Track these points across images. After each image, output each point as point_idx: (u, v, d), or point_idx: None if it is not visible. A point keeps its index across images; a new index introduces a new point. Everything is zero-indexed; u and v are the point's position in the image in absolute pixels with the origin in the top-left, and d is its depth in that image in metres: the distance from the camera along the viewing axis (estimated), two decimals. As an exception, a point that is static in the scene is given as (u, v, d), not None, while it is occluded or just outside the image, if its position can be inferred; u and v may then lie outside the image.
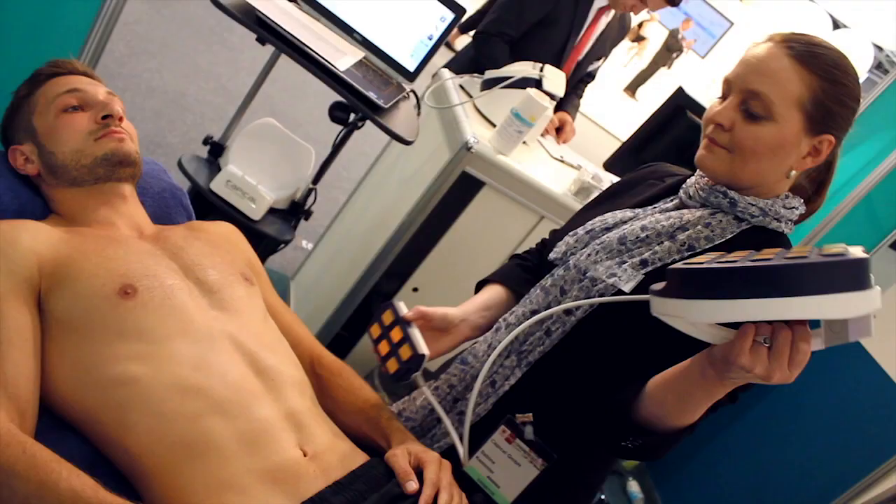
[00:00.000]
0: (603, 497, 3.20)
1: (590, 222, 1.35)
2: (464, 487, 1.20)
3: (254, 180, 2.08)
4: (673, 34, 13.25)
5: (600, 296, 1.22)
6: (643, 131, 2.41)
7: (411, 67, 2.08)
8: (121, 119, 1.35)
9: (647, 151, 2.36)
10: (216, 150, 2.26)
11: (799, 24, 13.58)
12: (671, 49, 13.43)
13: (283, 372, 1.20)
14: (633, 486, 3.36)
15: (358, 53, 1.95)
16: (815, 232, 2.89)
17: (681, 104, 2.39)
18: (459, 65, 2.89)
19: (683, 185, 1.31)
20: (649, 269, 1.22)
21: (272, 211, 2.17)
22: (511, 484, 1.25)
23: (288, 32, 1.75)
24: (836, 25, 12.70)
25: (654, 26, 13.59)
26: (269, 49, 1.96)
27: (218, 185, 2.08)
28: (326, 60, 1.76)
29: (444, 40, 2.06)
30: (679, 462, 3.34)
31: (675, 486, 3.32)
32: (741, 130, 1.16)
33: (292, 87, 4.59)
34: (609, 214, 1.34)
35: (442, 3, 2.05)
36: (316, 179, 2.21)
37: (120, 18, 2.02)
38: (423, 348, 1.25)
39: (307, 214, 2.27)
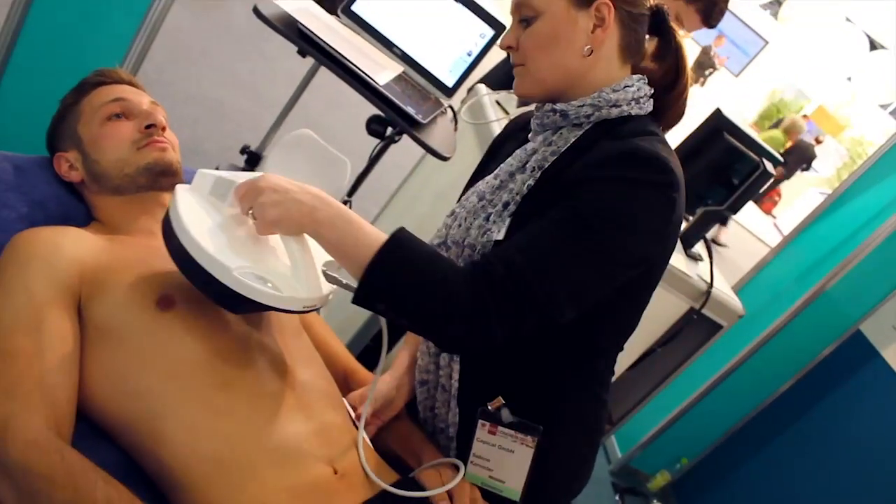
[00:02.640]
0: (627, 518, 3.17)
1: (464, 196, 1.34)
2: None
3: (290, 191, 2.09)
4: (705, 51, 13.17)
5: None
6: (679, 152, 2.39)
7: (450, 83, 2.09)
8: (164, 129, 1.36)
9: (684, 173, 2.34)
10: (253, 159, 2.28)
11: (835, 44, 13.47)
12: (703, 66, 13.34)
13: (315, 387, 1.20)
14: (658, 509, 3.33)
15: (397, 68, 1.96)
16: (851, 258, 2.85)
17: (718, 126, 2.37)
18: (495, 79, 2.88)
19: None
20: (512, 208, 1.19)
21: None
22: (513, 474, 1.23)
23: (329, 46, 1.76)
24: (874, 46, 12.57)
25: (687, 42, 13.52)
26: (306, 59, 1.97)
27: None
28: (366, 74, 1.77)
29: (483, 56, 2.06)
30: (704, 484, 3.30)
31: (701, 510, 3.29)
32: (523, 39, 1.20)
33: (328, 97, 4.62)
34: (480, 182, 1.32)
35: (482, 19, 2.06)
36: (351, 192, 2.22)
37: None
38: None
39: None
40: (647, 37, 1.25)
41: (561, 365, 1.24)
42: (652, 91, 1.23)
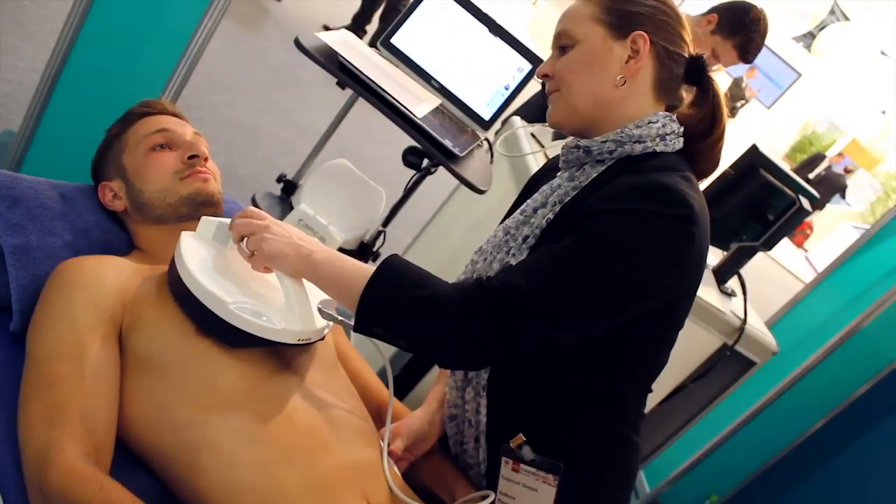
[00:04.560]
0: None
1: (493, 233, 1.35)
2: None
3: (325, 220, 2.10)
4: (737, 82, 13.12)
5: None
6: (715, 187, 2.38)
7: (487, 116, 2.09)
8: (206, 159, 1.37)
9: (719, 208, 2.33)
10: (289, 188, 2.29)
11: (869, 77, 13.37)
12: (734, 97, 13.30)
13: (351, 422, 1.20)
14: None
15: (435, 101, 1.97)
16: (889, 296, 2.80)
17: (755, 162, 2.35)
18: (529, 111, 2.89)
19: None
20: (532, 241, 1.19)
21: (341, 251, 2.19)
22: None
23: (368, 78, 1.78)
24: (909, 80, 12.44)
25: (719, 74, 13.49)
26: (339, 87, 1.99)
27: (290, 224, 2.11)
28: (405, 107, 1.78)
29: (520, 90, 2.07)
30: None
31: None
32: (559, 66, 1.22)
33: (362, 126, 4.65)
34: (509, 218, 1.33)
35: (520, 53, 2.07)
36: (386, 222, 2.23)
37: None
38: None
39: (375, 256, 2.29)
40: (685, 85, 1.26)
41: (586, 404, 1.23)
42: (682, 130, 1.22)
